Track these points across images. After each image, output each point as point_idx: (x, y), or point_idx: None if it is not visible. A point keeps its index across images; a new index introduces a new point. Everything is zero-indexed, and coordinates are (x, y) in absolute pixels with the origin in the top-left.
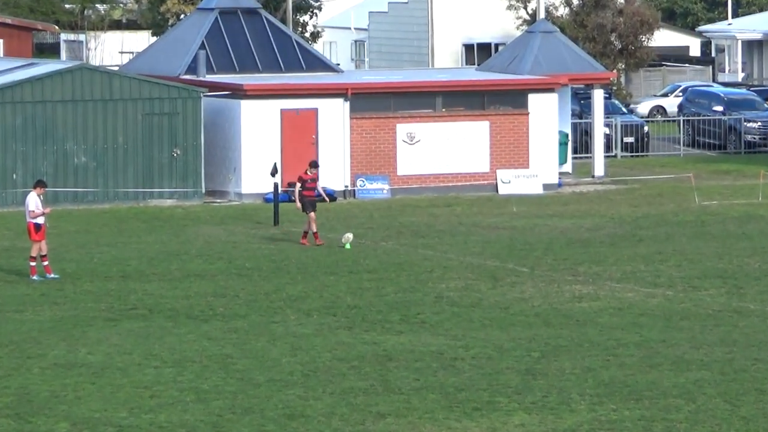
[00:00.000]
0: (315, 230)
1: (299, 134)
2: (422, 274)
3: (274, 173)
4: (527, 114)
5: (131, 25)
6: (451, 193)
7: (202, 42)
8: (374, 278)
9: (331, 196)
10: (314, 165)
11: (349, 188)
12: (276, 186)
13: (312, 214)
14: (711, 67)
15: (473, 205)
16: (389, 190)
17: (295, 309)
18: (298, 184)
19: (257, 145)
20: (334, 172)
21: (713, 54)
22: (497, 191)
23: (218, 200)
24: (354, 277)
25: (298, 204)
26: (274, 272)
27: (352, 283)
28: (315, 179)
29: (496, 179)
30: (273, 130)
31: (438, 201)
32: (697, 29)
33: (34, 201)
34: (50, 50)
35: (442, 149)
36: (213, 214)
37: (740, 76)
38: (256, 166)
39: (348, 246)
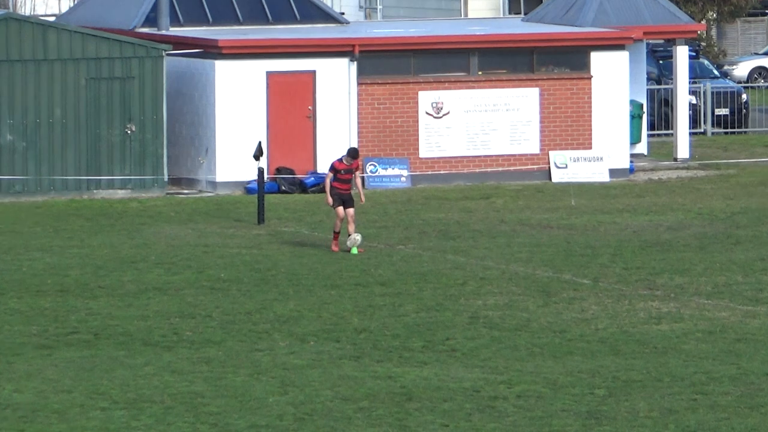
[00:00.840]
0: (337, 230)
1: (291, 105)
2: (452, 287)
3: (258, 156)
4: (589, 78)
5: None
6: (490, 181)
7: None
8: (389, 293)
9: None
10: (353, 154)
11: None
12: (261, 172)
13: (341, 210)
14: None
15: (519, 196)
16: (409, 177)
17: (286, 333)
18: (330, 175)
19: (236, 118)
20: (336, 154)
21: None
22: (550, 178)
23: (185, 191)
24: (363, 291)
25: (329, 199)
26: (258, 285)
27: (360, 299)
28: (351, 170)
29: (548, 163)
30: (257, 100)
31: (473, 192)
32: None
33: None
34: None
35: (478, 124)
36: (179, 209)
37: None
38: (235, 146)
39: (355, 251)
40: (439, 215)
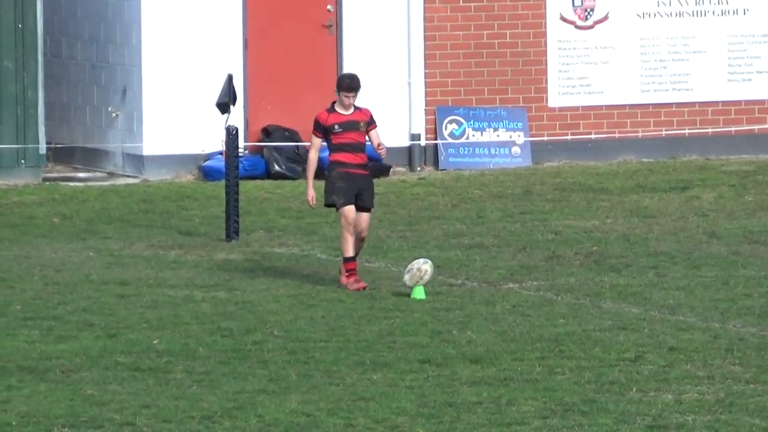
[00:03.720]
0: (350, 254)
1: (293, 4)
2: (613, 366)
3: (226, 104)
4: None
5: None
6: (690, 153)
7: None
8: (488, 378)
9: (376, 160)
10: (349, 83)
11: (423, 143)
12: (232, 135)
13: (351, 212)
14: None
15: (747, 186)
16: (527, 145)
17: None
18: (317, 142)
19: (182, 31)
20: (385, 104)
21: None
22: None
23: (81, 174)
24: (436, 374)
25: (311, 192)
26: (228, 362)
27: (430, 390)
28: (356, 124)
29: None
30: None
31: (654, 176)
32: None
33: None
34: None
35: (665, 41)
36: (68, 209)
37: None
38: (180, 85)
39: (419, 293)
40: (586, 223)
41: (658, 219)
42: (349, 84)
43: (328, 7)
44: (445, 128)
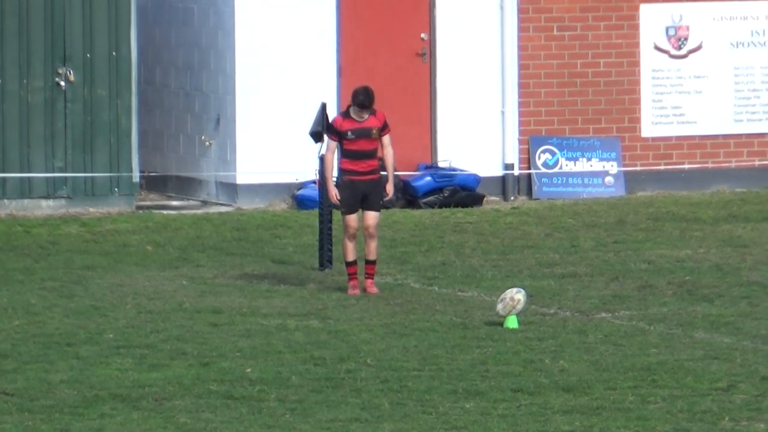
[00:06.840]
0: (350, 259)
1: (386, 32)
2: (706, 395)
3: (320, 133)
4: None
5: None
6: None
7: None
8: (582, 407)
9: (470, 189)
10: (363, 99)
11: (516, 173)
12: (326, 164)
13: (354, 220)
14: None
15: None
16: (621, 175)
17: None
18: (332, 145)
19: (275, 59)
20: (478, 133)
21: None
22: None
23: (175, 202)
24: (529, 403)
25: (332, 192)
26: (321, 391)
27: (522, 419)
28: (368, 131)
29: None
30: (317, 23)
31: (748, 206)
32: None
33: None
34: None
35: (759, 70)
36: (161, 237)
37: None
38: (272, 114)
39: (512, 322)
40: (678, 252)
41: (750, 249)
42: (362, 102)
43: (422, 35)
44: (539, 158)
